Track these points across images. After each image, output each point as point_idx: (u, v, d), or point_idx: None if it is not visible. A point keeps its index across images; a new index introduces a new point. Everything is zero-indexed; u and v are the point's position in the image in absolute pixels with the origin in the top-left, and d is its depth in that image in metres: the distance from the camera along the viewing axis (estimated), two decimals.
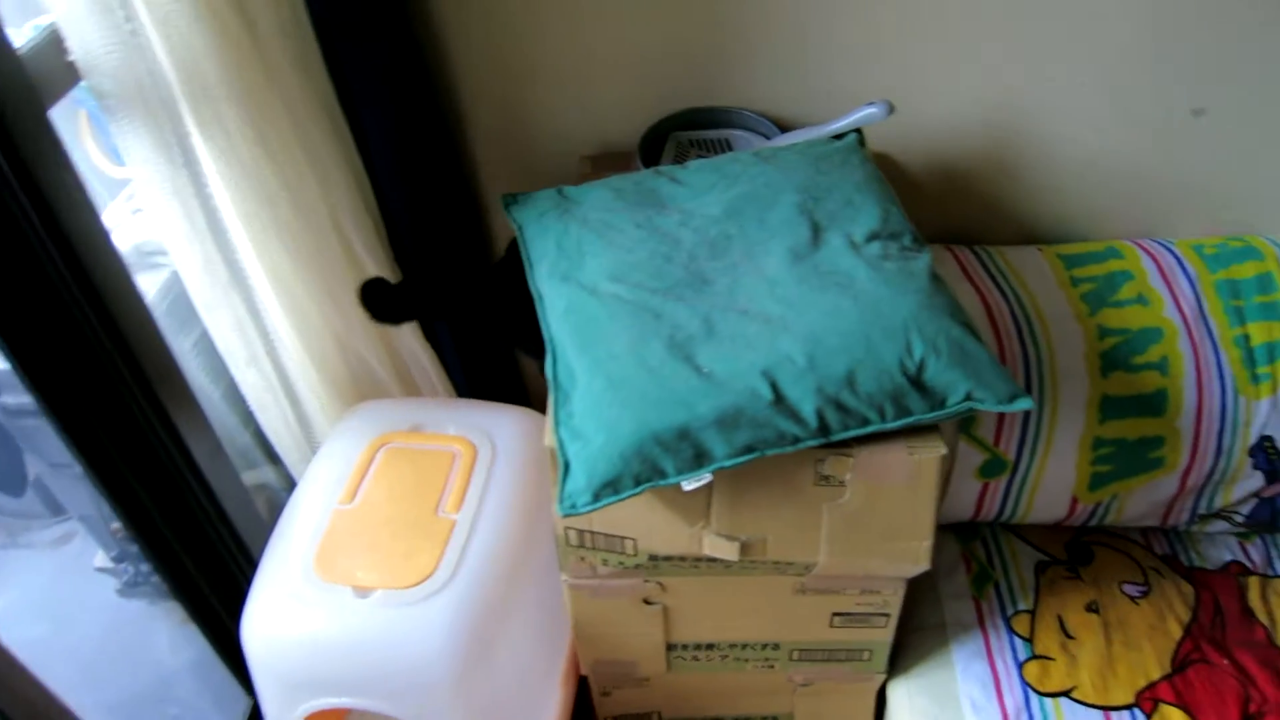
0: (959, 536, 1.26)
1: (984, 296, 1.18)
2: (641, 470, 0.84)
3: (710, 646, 1.12)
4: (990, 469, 1.16)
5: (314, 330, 1.14)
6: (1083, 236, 1.28)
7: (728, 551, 0.94)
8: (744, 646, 1.11)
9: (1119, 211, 1.25)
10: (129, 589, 1.45)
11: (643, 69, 1.17)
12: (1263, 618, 1.16)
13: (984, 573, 1.22)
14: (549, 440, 0.89)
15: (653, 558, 0.98)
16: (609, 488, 0.84)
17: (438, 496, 1.12)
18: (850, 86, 1.15)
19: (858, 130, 1.09)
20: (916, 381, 0.86)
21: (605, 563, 1.00)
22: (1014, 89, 1.14)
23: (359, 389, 1.26)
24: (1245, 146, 1.18)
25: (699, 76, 1.17)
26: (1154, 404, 1.13)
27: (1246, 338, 1.16)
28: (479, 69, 1.17)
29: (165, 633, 1.45)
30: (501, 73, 1.17)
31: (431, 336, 1.32)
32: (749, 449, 0.85)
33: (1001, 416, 1.14)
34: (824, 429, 0.85)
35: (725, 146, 1.19)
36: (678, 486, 0.84)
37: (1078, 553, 1.23)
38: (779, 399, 0.84)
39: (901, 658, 1.17)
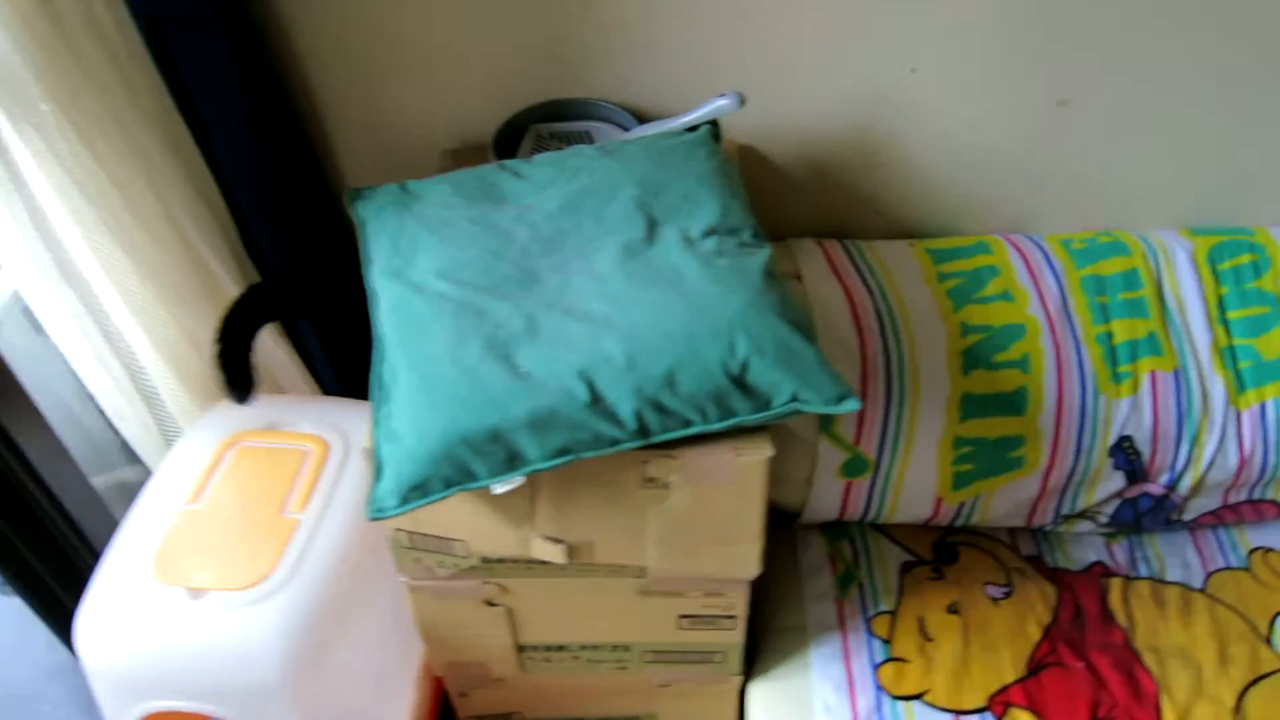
0: (828, 536, 1.25)
1: (849, 292, 1.16)
2: (451, 473, 0.81)
3: (560, 648, 1.09)
4: (852, 468, 1.14)
5: (163, 329, 1.10)
6: (955, 231, 1.26)
7: (554, 554, 0.91)
8: (594, 648, 1.09)
9: (990, 206, 1.24)
10: (4, 586, 1.42)
11: (500, 61, 1.14)
12: (1122, 620, 1.15)
13: (849, 573, 1.20)
14: (366, 441, 0.86)
15: (486, 560, 0.95)
16: (417, 491, 0.82)
17: (284, 496, 1.09)
18: (710, 78, 1.13)
19: (714, 123, 1.06)
20: (740, 382, 0.84)
21: (441, 565, 0.97)
22: (878, 81, 1.12)
23: (218, 389, 1.22)
24: (1110, 139, 1.17)
25: (558, 68, 1.14)
26: (1014, 403, 1.12)
27: (1109, 335, 1.15)
28: (332, 62, 1.13)
29: (43, 631, 1.42)
30: (356, 65, 1.14)
31: (296, 334, 1.29)
32: (564, 451, 0.83)
33: (862, 415, 1.13)
34: (643, 430, 0.83)
35: (585, 139, 1.16)
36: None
37: (943, 553, 1.22)
38: (596, 400, 0.82)
39: (762, 659, 1.16)
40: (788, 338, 0.85)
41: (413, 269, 0.93)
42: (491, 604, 1.03)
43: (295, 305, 1.17)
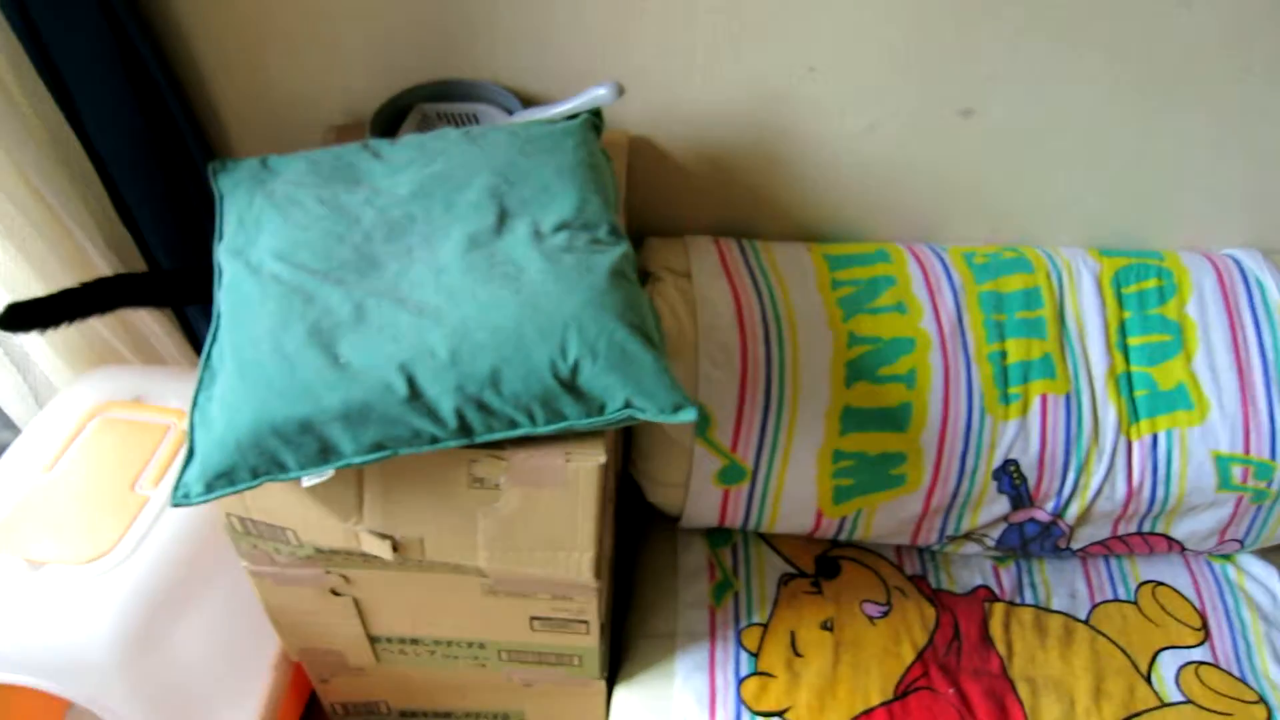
0: (710, 541, 1.22)
1: (737, 294, 1.13)
2: (259, 462, 0.79)
3: (414, 641, 1.07)
4: (728, 475, 1.11)
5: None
6: (857, 237, 1.22)
7: (381, 549, 0.89)
8: (449, 644, 1.07)
9: (893, 213, 1.20)
10: None
11: (388, 36, 1.10)
12: (1000, 647, 1.12)
13: (726, 582, 1.18)
14: (185, 424, 0.83)
15: (320, 550, 0.93)
16: (223, 479, 0.79)
17: (138, 471, 1.07)
18: (602, 65, 1.09)
19: (597, 112, 1.03)
20: (570, 385, 0.81)
21: (278, 551, 0.95)
22: (775, 78, 1.08)
23: (94, 356, 1.20)
24: (1016, 151, 1.12)
25: (448, 47, 1.10)
26: (896, 418, 1.09)
27: (1003, 354, 1.11)
28: (214, 32, 1.10)
29: None
30: (239, 36, 1.10)
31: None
32: (380, 446, 0.80)
33: (738, 422, 1.09)
34: (465, 429, 0.80)
35: (471, 121, 1.12)
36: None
37: (825, 567, 1.19)
38: (415, 395, 0.79)
39: (628, 664, 1.13)
40: (624, 341, 0.81)
41: (254, 248, 0.90)
42: (336, 593, 1.00)
43: (168, 295, 1.12)
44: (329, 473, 0.79)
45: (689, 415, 0.82)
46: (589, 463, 0.84)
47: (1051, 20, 1.01)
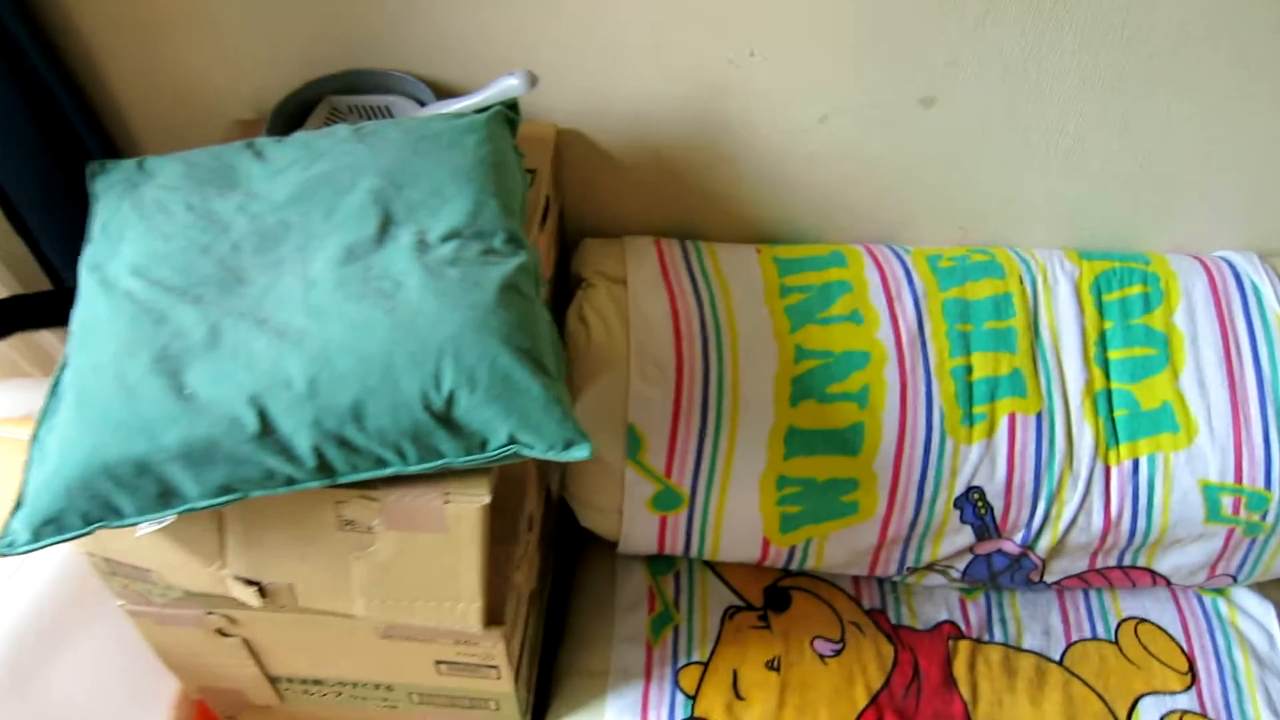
0: (652, 569, 1.12)
1: (674, 301, 1.03)
2: (91, 507, 0.70)
3: (317, 682, 0.99)
4: (663, 501, 1.01)
5: None
6: (813, 238, 1.12)
7: (248, 597, 0.80)
8: (355, 685, 0.98)
9: (851, 212, 1.09)
10: None
11: (293, 24, 1.00)
12: (964, 689, 1.02)
13: (666, 614, 1.08)
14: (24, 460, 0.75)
15: (189, 593, 0.84)
16: (51, 525, 0.70)
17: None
18: (523, 52, 0.98)
19: (513, 104, 0.93)
20: (445, 419, 0.71)
21: (151, 592, 0.86)
22: (711, 63, 0.97)
23: None
24: (982, 142, 1.01)
25: (358, 34, 1.00)
26: (847, 441, 0.98)
27: (968, 369, 1.01)
28: (105, 24, 1.00)
29: None
30: (133, 26, 1.01)
31: None
32: (227, 489, 0.71)
33: (672, 445, 0.99)
34: (326, 469, 0.71)
35: (383, 114, 1.03)
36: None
37: (775, 599, 1.09)
38: (267, 431, 0.69)
39: (557, 703, 1.04)
40: (508, 368, 0.72)
41: (112, 261, 0.81)
42: (224, 634, 0.92)
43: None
44: (168, 519, 0.71)
45: (581, 452, 0.73)
46: (470, 505, 0.74)
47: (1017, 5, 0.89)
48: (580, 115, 1.03)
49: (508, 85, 0.90)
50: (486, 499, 0.74)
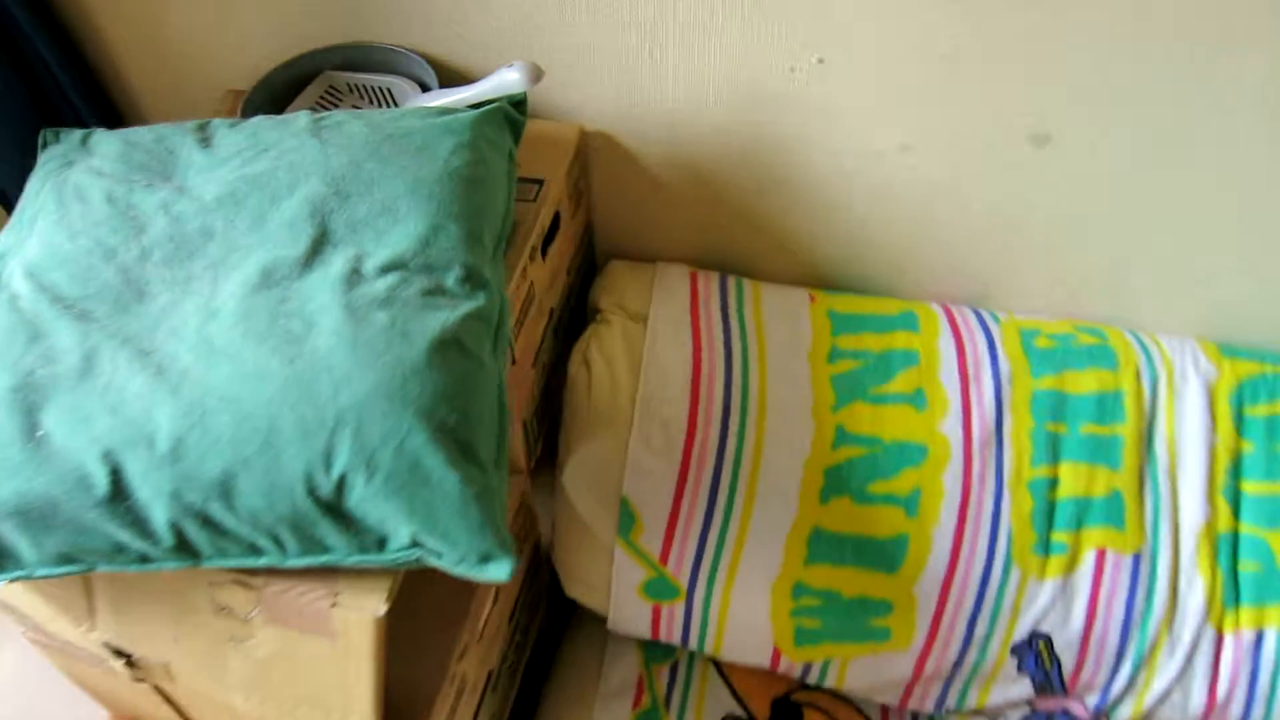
0: (646, 653, 0.96)
1: (697, 351, 0.85)
2: None
3: None
4: (656, 590, 0.85)
5: None
6: (881, 289, 0.92)
7: (118, 669, 0.68)
8: None
9: (932, 263, 0.88)
10: None
11: None
12: None
13: (654, 712, 0.92)
14: None
15: (73, 644, 0.73)
16: None
17: None
18: (542, 38, 0.82)
19: (519, 102, 0.77)
20: (333, 508, 0.57)
21: (42, 630, 0.76)
22: (774, 69, 0.78)
23: None
24: (1106, 194, 0.79)
25: (368, 5, 0.86)
26: (885, 554, 0.80)
27: (1051, 484, 0.80)
28: None
29: None
30: None
31: None
32: (69, 559, 0.58)
33: (670, 528, 0.83)
34: (187, 550, 0.58)
35: (383, 97, 0.88)
36: None
37: (784, 714, 0.91)
38: (119, 495, 0.57)
39: None
40: (420, 452, 0.56)
41: (15, 255, 0.69)
42: (138, 679, 0.81)
43: None
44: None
45: (501, 572, 0.57)
46: (362, 615, 0.60)
47: (1178, 15, 0.67)
48: (612, 116, 0.86)
49: (505, 79, 0.74)
50: (381, 610, 0.59)
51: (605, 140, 0.88)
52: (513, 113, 0.76)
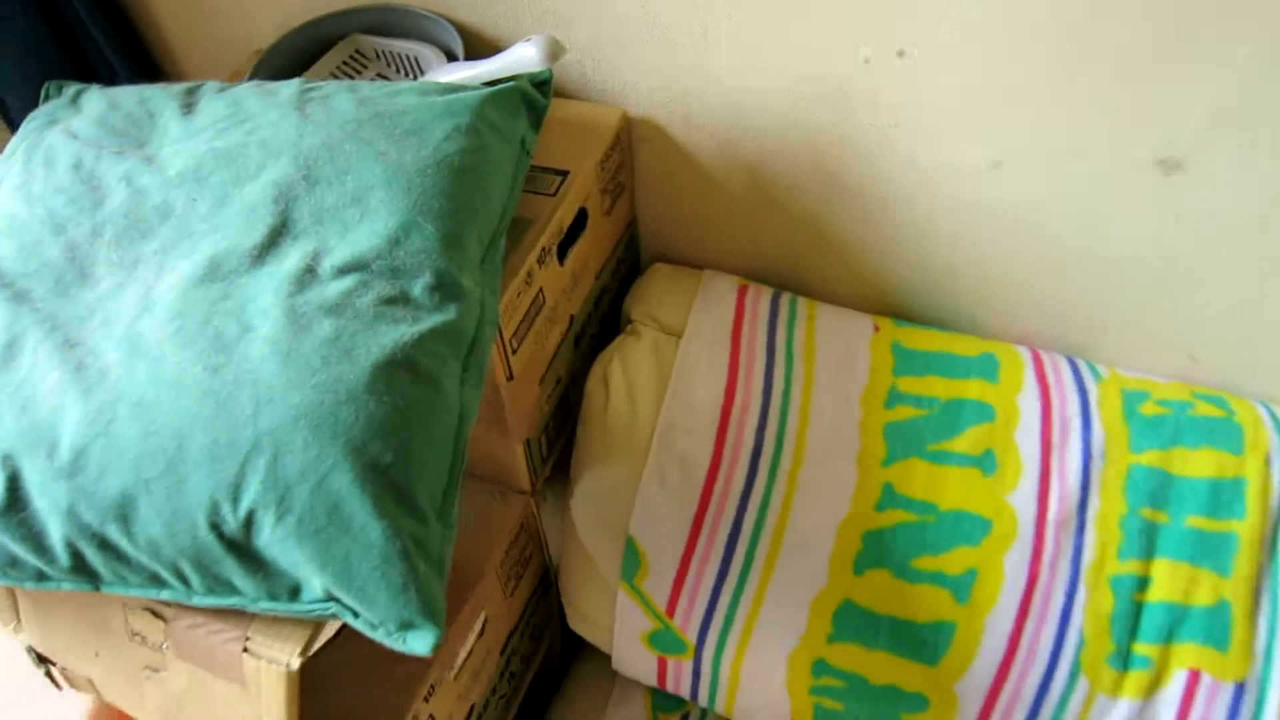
0: (655, 702, 0.86)
1: (733, 377, 0.74)
2: None
3: None
4: (662, 642, 0.75)
5: None
6: (963, 324, 0.78)
7: (40, 671, 0.63)
8: None
9: (1022, 301, 0.74)
10: None
11: None
12: None
13: None
14: None
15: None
16: None
17: None
18: (585, 9, 0.72)
19: (541, 81, 0.67)
20: (238, 547, 0.49)
21: None
22: (844, 61, 0.66)
23: None
24: (1243, 234, 0.63)
25: None
26: (924, 642, 0.67)
27: (1140, 584, 0.65)
28: None
29: None
30: None
31: None
32: None
33: (680, 579, 0.72)
34: (85, 573, 0.52)
35: (409, 65, 0.79)
36: None
37: None
38: (15, 505, 0.51)
39: None
40: (343, 494, 0.48)
41: None
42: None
43: None
44: None
45: (423, 644, 0.49)
46: (275, 666, 0.52)
47: None
48: (661, 101, 0.75)
49: (521, 55, 0.65)
50: (295, 663, 0.51)
51: (653, 129, 0.77)
52: (533, 94, 0.66)
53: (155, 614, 0.54)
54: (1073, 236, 0.68)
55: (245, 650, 0.52)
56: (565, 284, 0.73)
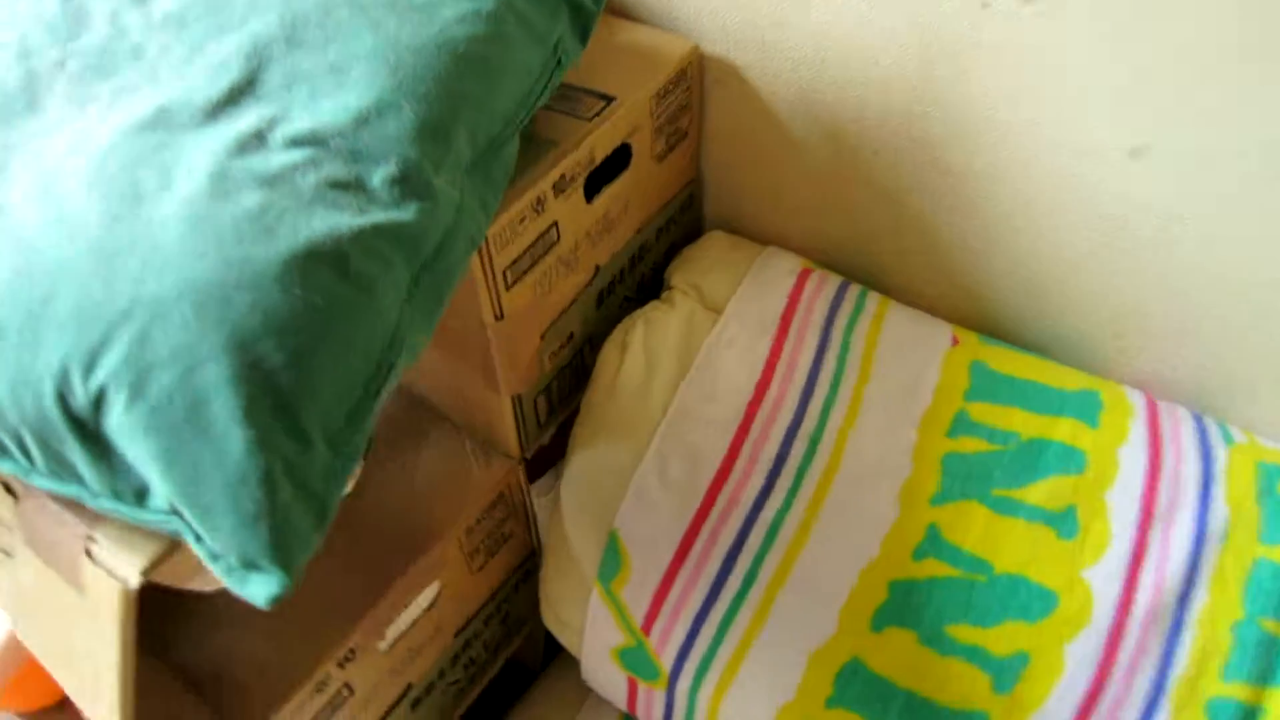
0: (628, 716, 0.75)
1: (769, 372, 0.62)
2: None
3: None
4: (633, 662, 0.63)
5: None
6: (1067, 354, 0.63)
7: None
8: None
9: (1147, 329, 0.59)
10: None
11: None
12: None
13: None
14: None
15: None
16: None
17: None
18: None
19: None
20: (83, 427, 0.41)
21: None
22: (962, 6, 0.53)
23: None
24: None
25: None
26: None
27: (1249, 714, 0.50)
28: None
29: None
30: None
31: None
32: None
33: (663, 590, 0.60)
34: None
35: None
36: None
37: None
38: None
39: None
40: (210, 390, 0.39)
41: None
42: None
43: None
44: None
45: (261, 591, 0.39)
46: (112, 578, 0.43)
47: None
48: (740, 39, 0.64)
49: None
50: (134, 581, 0.42)
51: (728, 71, 0.66)
52: (581, 11, 0.56)
53: (8, 488, 0.46)
54: (1224, 256, 0.53)
55: (86, 551, 0.43)
56: (592, 226, 0.63)
